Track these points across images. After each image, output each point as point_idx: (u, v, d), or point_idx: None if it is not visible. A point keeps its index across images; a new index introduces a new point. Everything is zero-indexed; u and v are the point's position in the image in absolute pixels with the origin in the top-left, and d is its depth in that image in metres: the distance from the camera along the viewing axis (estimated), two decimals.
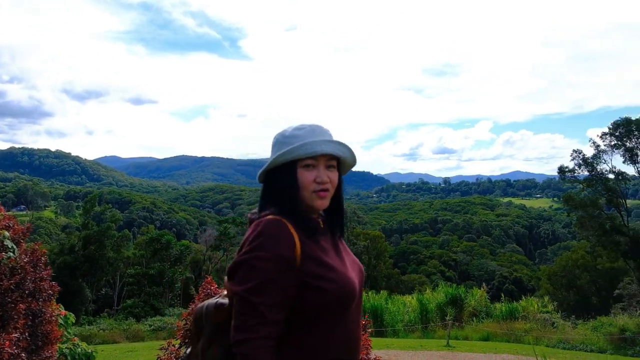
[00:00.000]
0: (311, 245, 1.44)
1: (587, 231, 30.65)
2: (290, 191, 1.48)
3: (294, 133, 1.52)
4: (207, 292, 3.63)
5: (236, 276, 1.40)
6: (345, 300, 1.42)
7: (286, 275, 1.36)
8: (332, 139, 1.53)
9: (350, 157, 1.57)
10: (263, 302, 1.34)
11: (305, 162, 1.48)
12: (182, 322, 3.77)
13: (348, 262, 1.54)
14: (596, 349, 12.48)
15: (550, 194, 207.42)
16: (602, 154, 30.68)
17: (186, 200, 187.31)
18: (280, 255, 1.36)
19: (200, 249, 47.72)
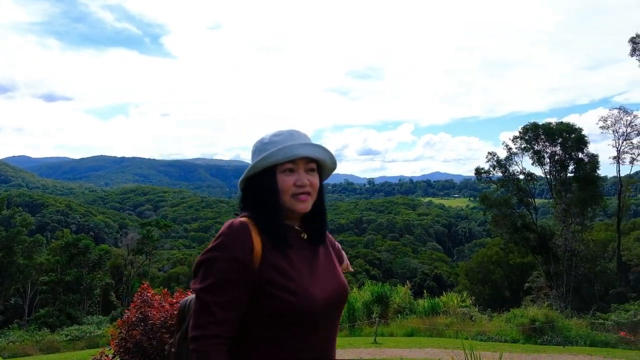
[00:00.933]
0: (275, 253, 1.44)
1: (501, 229, 32.68)
2: (271, 195, 1.48)
3: (272, 139, 1.52)
4: (143, 298, 3.54)
5: (196, 274, 1.42)
6: (304, 314, 1.40)
7: (240, 277, 1.37)
8: (310, 142, 1.53)
9: (330, 160, 1.58)
10: (215, 302, 1.35)
11: (284, 167, 1.48)
12: (117, 331, 3.64)
13: (323, 275, 1.51)
14: (510, 339, 13.33)
15: (467, 194, 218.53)
16: (514, 156, 32.91)
17: (105, 202, 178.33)
18: (235, 257, 1.37)
19: (121, 254, 45.87)
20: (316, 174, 1.55)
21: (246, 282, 1.39)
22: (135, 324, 3.33)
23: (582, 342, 12.59)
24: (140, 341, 3.22)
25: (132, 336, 3.22)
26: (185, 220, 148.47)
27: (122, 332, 3.32)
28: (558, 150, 31.42)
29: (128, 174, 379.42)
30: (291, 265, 1.45)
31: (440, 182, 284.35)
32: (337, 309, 1.53)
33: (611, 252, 34.07)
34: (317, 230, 1.58)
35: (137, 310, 3.42)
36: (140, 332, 3.27)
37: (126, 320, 3.41)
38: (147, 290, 3.65)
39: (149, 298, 3.48)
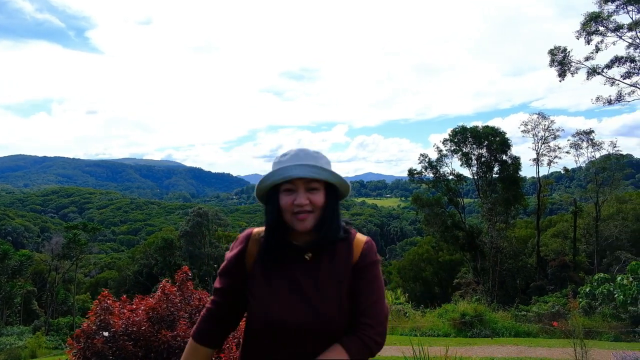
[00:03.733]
0: (260, 266, 1.63)
1: (433, 228, 33.92)
2: (273, 213, 1.60)
3: (280, 159, 1.62)
4: (103, 306, 3.48)
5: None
6: (266, 328, 1.56)
7: (233, 271, 1.69)
8: (311, 162, 1.57)
9: (333, 179, 1.60)
10: (216, 285, 1.74)
11: (284, 187, 1.57)
12: (76, 341, 3.53)
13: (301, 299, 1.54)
14: (442, 333, 13.99)
15: (399, 194, 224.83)
16: (444, 157, 34.27)
17: (24, 204, 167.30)
18: (228, 259, 1.71)
19: (44, 259, 43.31)
20: (320, 192, 1.58)
21: (236, 280, 1.69)
22: (95, 332, 3.27)
23: (507, 334, 13.43)
24: (101, 350, 3.17)
25: (93, 345, 3.16)
26: (114, 222, 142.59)
27: (82, 342, 3.24)
28: (484, 153, 33.04)
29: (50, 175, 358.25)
30: (269, 281, 1.59)
31: (372, 183, 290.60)
32: (305, 335, 1.52)
33: (531, 248, 36.25)
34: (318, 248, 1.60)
35: (96, 318, 3.36)
36: (101, 341, 3.22)
37: (86, 329, 3.33)
38: (107, 297, 3.59)
39: (109, 305, 3.42)
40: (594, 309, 15.50)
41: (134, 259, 49.05)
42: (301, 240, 1.62)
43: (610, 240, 31.71)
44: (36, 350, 22.27)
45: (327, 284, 1.57)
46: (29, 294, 38.80)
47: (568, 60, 24.82)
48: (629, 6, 22.24)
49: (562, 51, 24.90)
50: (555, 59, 25.00)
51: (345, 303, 1.56)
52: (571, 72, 24.86)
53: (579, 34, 23.55)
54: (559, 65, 25.02)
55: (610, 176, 32.40)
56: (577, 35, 23.66)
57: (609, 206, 34.33)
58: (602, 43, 23.41)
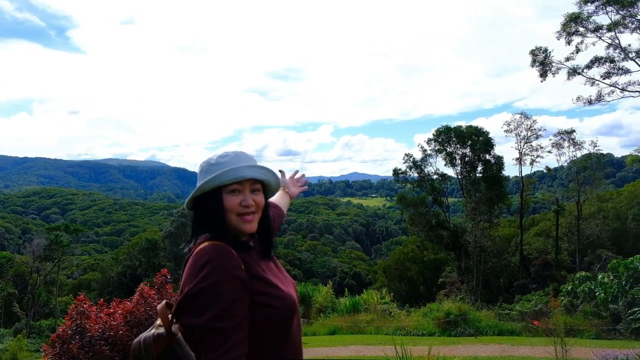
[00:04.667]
0: (254, 265, 1.55)
1: (417, 227, 34.09)
2: (217, 215, 1.55)
3: (219, 160, 1.61)
4: (79, 310, 3.40)
5: (192, 309, 1.40)
6: (290, 314, 1.56)
7: (244, 295, 1.43)
8: (255, 164, 1.63)
9: (275, 181, 1.69)
10: (231, 326, 1.37)
11: (230, 188, 1.56)
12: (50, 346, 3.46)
13: (286, 279, 1.68)
14: (427, 332, 14.02)
15: (384, 194, 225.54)
16: (428, 157, 34.47)
17: (5, 206, 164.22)
18: (236, 275, 1.43)
19: (25, 261, 42.65)
20: (261, 193, 1.64)
21: (247, 299, 1.44)
22: (71, 337, 3.20)
23: (491, 332, 13.51)
24: (77, 355, 3.10)
25: (69, 350, 3.10)
26: (97, 223, 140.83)
27: (57, 347, 3.17)
28: (468, 152, 33.31)
29: (31, 176, 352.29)
30: (269, 273, 1.59)
31: (358, 182, 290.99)
32: (300, 306, 1.77)
33: (514, 246, 36.63)
34: (266, 245, 1.69)
35: (72, 323, 3.28)
36: (77, 346, 3.15)
37: (61, 334, 3.26)
38: (83, 302, 3.51)
39: (85, 309, 3.35)
40: (576, 307, 15.68)
41: (118, 260, 48.51)
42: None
43: (591, 238, 32.15)
44: (17, 353, 21.90)
45: (281, 267, 1.76)
46: (10, 296, 38.17)
47: (549, 61, 25.12)
48: (608, 7, 22.55)
49: (543, 52, 25.19)
50: (536, 59, 25.28)
51: None
52: (552, 73, 25.16)
53: (560, 34, 23.85)
54: (540, 66, 25.31)
55: (591, 175, 32.86)
56: (557, 35, 23.96)
57: (590, 205, 34.82)
58: (582, 44, 23.71)
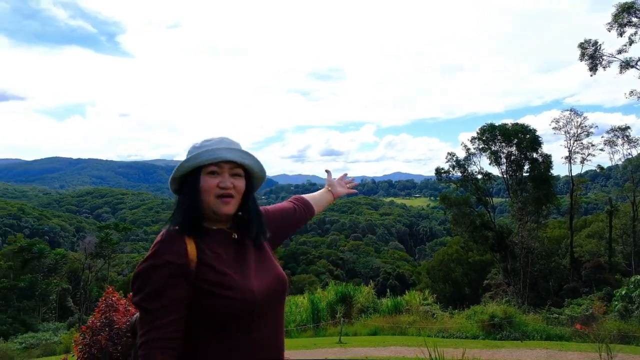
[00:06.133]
0: (208, 254, 1.50)
1: (461, 227, 33.41)
2: (193, 196, 1.54)
3: (203, 144, 1.60)
4: (108, 302, 3.46)
5: (133, 288, 1.47)
6: (247, 308, 1.46)
7: (178, 281, 1.42)
8: (237, 148, 1.61)
9: (257, 168, 1.67)
10: (156, 308, 1.40)
11: (209, 169, 1.55)
12: (81, 337, 3.54)
13: (259, 270, 1.58)
14: (470, 335, 13.66)
15: (428, 194, 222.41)
16: (472, 156, 33.70)
17: (60, 205, 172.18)
18: (170, 261, 1.43)
19: (78, 258, 44.40)
20: (242, 179, 1.62)
21: (184, 284, 1.43)
22: (100, 329, 3.26)
23: (538, 337, 13.03)
24: (105, 346, 3.15)
25: (97, 341, 3.16)
26: (146, 222, 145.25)
27: (87, 338, 3.24)
28: (514, 151, 32.37)
29: (84, 176, 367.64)
30: (224, 262, 1.52)
31: (401, 182, 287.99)
32: (277, 301, 1.60)
33: (564, 248, 35.31)
34: (246, 232, 1.64)
35: (102, 315, 3.35)
36: (105, 337, 3.20)
37: (91, 325, 3.33)
38: (112, 295, 3.57)
39: (114, 302, 3.41)
40: (631, 313, 14.91)
41: None
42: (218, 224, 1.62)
43: None
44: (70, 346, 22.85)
45: (268, 255, 1.68)
46: (64, 292, 39.83)
47: (599, 54, 24.09)
48: None
49: (593, 44, 24.18)
50: (585, 52, 24.28)
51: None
52: (603, 66, 24.15)
53: (611, 26, 22.81)
54: (590, 59, 24.32)
55: None
56: (608, 27, 22.92)
57: None
58: (635, 35, 22.60)
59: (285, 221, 1.98)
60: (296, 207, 2.07)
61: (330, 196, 2.31)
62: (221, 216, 1.58)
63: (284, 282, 1.64)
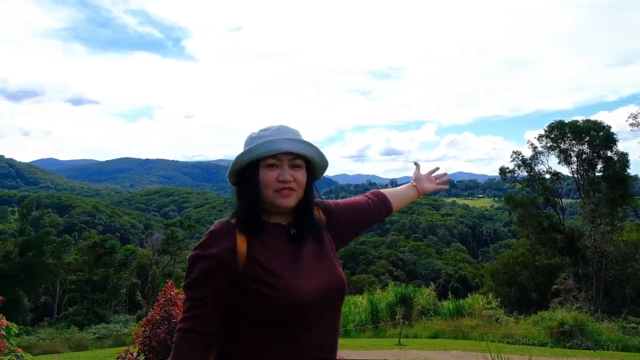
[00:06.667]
0: (259, 250, 1.44)
1: (527, 229, 32.04)
2: (252, 190, 1.48)
3: (260, 134, 1.53)
4: (167, 297, 3.54)
5: (186, 271, 1.47)
6: (289, 308, 1.39)
7: (220, 275, 1.39)
8: (296, 138, 1.51)
9: (317, 156, 1.56)
10: (194, 297, 1.40)
11: (267, 162, 1.47)
12: (141, 329, 3.65)
13: (315, 269, 1.48)
14: (537, 342, 13.06)
15: (491, 194, 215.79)
16: (539, 155, 32.17)
17: (130, 203, 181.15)
18: (215, 255, 1.40)
19: (146, 254, 46.46)
20: (303, 170, 1.53)
21: (226, 279, 1.40)
22: (159, 322, 3.35)
23: (613, 347, 12.28)
24: (164, 340, 3.22)
25: (157, 335, 3.23)
26: (209, 221, 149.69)
27: (147, 331, 3.33)
28: (585, 149, 30.65)
29: (152, 176, 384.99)
30: (275, 260, 1.45)
31: (463, 182, 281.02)
32: (331, 302, 1.50)
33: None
34: (305, 227, 1.55)
35: (161, 309, 3.44)
36: (164, 331, 3.28)
37: (150, 319, 3.42)
38: (170, 289, 3.65)
39: (172, 297, 3.48)
40: None
41: None
42: (277, 218, 1.55)
43: None
44: None
45: (328, 251, 1.57)
46: (134, 286, 41.73)
47: None
48: None
49: None
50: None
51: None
52: None
53: None
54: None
55: None
56: None
57: None
58: None
59: (357, 216, 1.81)
60: (370, 201, 1.88)
61: (414, 192, 2.08)
62: (281, 210, 1.51)
63: (341, 283, 1.53)
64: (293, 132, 1.54)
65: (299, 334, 1.42)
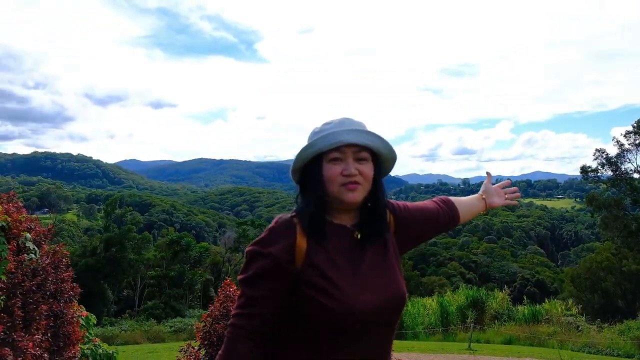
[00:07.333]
0: (320, 254, 1.36)
1: (612, 232, 30.05)
2: (316, 185, 1.39)
3: (322, 128, 1.44)
4: (226, 293, 3.60)
5: (243, 265, 1.43)
6: (343, 320, 1.31)
7: (276, 275, 1.34)
8: (361, 129, 1.42)
9: (384, 147, 1.46)
10: (248, 294, 1.36)
11: (331, 156, 1.38)
12: (202, 324, 3.75)
13: (376, 279, 1.39)
14: (623, 353, 12.17)
15: (573, 195, 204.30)
16: (627, 153, 30.02)
17: (205, 202, 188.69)
18: (273, 254, 1.34)
19: (219, 251, 48.02)
20: (369, 164, 1.43)
21: (283, 280, 1.35)
22: (218, 318, 3.41)
23: None
24: (222, 335, 3.28)
25: (216, 330, 3.30)
26: None
27: (207, 326, 3.40)
28: None
29: (226, 176, 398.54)
30: (335, 266, 1.36)
31: (541, 182, 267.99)
32: (388, 316, 1.40)
33: None
34: (371, 227, 1.45)
35: (220, 305, 3.51)
36: (223, 327, 3.34)
37: (210, 314, 3.50)
38: (229, 286, 3.72)
39: (231, 293, 3.54)
40: None
41: None
42: (342, 218, 1.45)
43: None
44: None
45: (392, 259, 1.46)
46: (207, 282, 43.26)
47: None
48: None
49: None
50: None
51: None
52: None
53: None
54: None
55: None
56: None
57: None
58: None
59: (425, 223, 1.67)
60: (441, 210, 1.73)
61: (482, 205, 1.91)
62: (348, 205, 1.41)
63: (401, 298, 1.43)
64: (357, 124, 1.44)
65: (350, 345, 1.34)
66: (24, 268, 3.68)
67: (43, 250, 4.04)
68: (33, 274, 3.74)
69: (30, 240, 3.86)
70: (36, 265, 3.80)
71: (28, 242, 3.82)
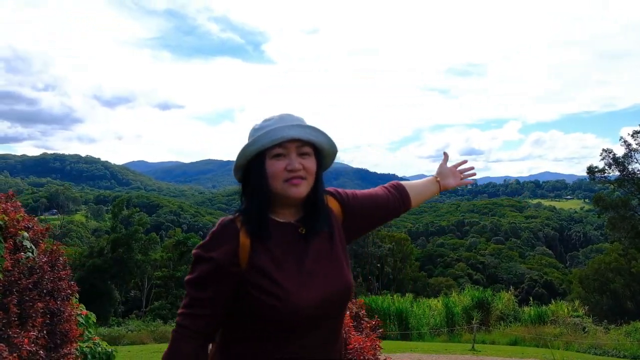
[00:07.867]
0: (264, 255, 1.37)
1: (619, 233, 29.91)
2: (259, 182, 1.39)
3: (262, 125, 1.45)
4: None
5: (190, 265, 1.43)
6: (291, 319, 1.33)
7: (219, 280, 1.35)
8: (301, 124, 1.42)
9: (326, 142, 1.46)
10: (194, 295, 1.37)
11: (273, 152, 1.39)
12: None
13: (321, 274, 1.40)
14: (629, 355, 12.06)
15: (581, 195, 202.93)
16: (634, 153, 29.84)
17: (212, 204, 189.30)
18: (215, 259, 1.34)
19: None
20: (312, 158, 1.43)
21: (227, 282, 1.35)
22: None
23: None
24: None
25: None
26: None
27: None
28: None
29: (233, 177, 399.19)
30: (279, 267, 1.37)
31: (550, 183, 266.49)
32: (334, 309, 1.43)
33: None
34: (315, 222, 1.45)
35: None
36: None
37: None
38: None
39: None
40: None
41: None
42: (286, 214, 1.46)
43: None
44: None
45: (338, 250, 1.48)
46: None
47: None
48: None
49: None
50: None
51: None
52: None
53: None
54: None
55: None
56: None
57: None
58: None
59: (375, 210, 1.67)
60: (390, 195, 1.72)
61: (436, 187, 1.89)
62: (292, 200, 1.42)
63: (346, 291, 1.44)
64: (298, 119, 1.45)
65: (297, 341, 1.37)
66: (21, 266, 3.71)
67: (40, 248, 4.08)
68: (30, 272, 3.78)
69: (28, 239, 3.90)
70: (33, 263, 3.84)
71: (25, 241, 3.86)
